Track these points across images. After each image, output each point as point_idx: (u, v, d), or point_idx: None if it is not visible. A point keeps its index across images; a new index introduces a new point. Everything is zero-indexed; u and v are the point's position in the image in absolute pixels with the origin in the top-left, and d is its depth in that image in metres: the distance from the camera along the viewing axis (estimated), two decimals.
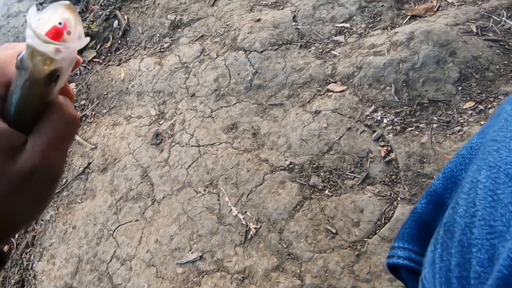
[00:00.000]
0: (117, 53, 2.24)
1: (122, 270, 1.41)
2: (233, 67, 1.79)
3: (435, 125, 1.32)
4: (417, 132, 1.32)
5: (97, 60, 2.25)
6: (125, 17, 2.33)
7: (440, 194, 0.56)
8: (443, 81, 1.38)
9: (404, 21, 1.65)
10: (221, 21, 2.04)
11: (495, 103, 1.30)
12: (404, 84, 1.43)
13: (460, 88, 1.36)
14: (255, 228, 1.32)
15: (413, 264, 0.58)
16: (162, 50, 2.10)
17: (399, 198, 1.23)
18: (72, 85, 2.16)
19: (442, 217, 0.50)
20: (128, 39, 2.27)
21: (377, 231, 1.20)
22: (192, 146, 1.61)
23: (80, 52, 2.31)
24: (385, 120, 1.38)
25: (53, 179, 0.32)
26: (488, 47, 1.39)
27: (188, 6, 2.22)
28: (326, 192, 1.32)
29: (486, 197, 0.39)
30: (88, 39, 0.31)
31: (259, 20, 1.93)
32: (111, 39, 2.30)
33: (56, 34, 0.29)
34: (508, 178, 0.37)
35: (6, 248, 1.62)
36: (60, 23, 0.29)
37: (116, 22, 2.34)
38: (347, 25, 1.74)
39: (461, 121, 1.31)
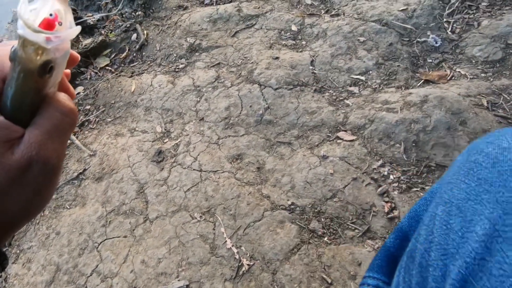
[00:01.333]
0: (131, 65, 2.24)
1: (101, 287, 1.34)
2: (246, 98, 1.81)
3: None
4: (422, 194, 1.33)
5: (109, 68, 2.25)
6: (145, 32, 2.36)
7: (405, 230, 0.66)
8: (452, 147, 1.41)
9: (418, 84, 1.71)
10: (239, 53, 2.08)
11: None
12: (413, 144, 1.46)
13: None
14: (248, 264, 1.28)
15: None
16: (176, 70, 2.11)
17: None
18: (79, 89, 2.14)
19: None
20: (144, 53, 2.29)
21: None
22: (194, 169, 1.59)
23: (94, 57, 2.31)
24: (391, 176, 1.40)
25: (51, 171, 0.32)
26: (498, 122, 1.44)
27: (208, 33, 2.26)
28: (325, 239, 1.30)
29: (441, 226, 0.47)
30: (79, 28, 0.31)
31: (277, 58, 1.97)
32: (127, 51, 2.31)
33: (48, 25, 0.29)
34: (459, 211, 0.45)
35: None
36: (51, 15, 0.30)
37: (134, 35, 2.36)
38: (363, 78, 1.79)
39: None
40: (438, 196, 0.52)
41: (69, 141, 1.85)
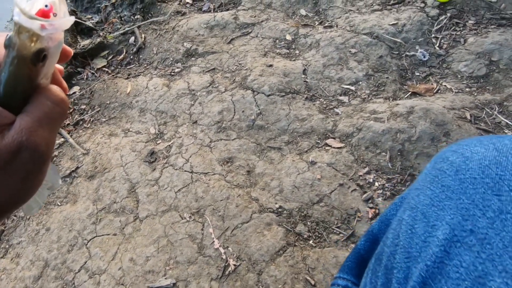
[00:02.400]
0: (128, 67, 2.28)
1: (89, 284, 1.36)
2: (239, 104, 1.85)
3: None
4: None
5: (106, 69, 2.28)
6: (143, 35, 2.40)
7: (376, 234, 0.69)
8: None
9: (405, 96, 1.77)
10: (234, 59, 2.13)
11: None
12: (398, 153, 1.51)
13: None
14: (234, 265, 1.31)
15: None
16: (172, 73, 2.15)
17: None
18: (75, 88, 2.17)
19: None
20: (141, 56, 2.33)
21: None
22: (185, 171, 1.63)
23: (91, 58, 2.35)
24: (376, 184, 1.45)
25: (40, 159, 0.32)
26: (479, 135, 1.50)
27: (205, 38, 2.31)
28: (311, 242, 1.34)
29: (407, 230, 0.49)
30: (73, 18, 0.32)
31: (271, 65, 2.02)
32: (124, 53, 2.35)
33: (43, 15, 0.31)
34: (423, 216, 0.48)
35: None
36: (46, 6, 0.31)
37: (132, 38, 2.40)
38: (353, 88, 1.85)
39: None
40: (406, 202, 0.54)
41: (63, 139, 1.88)
